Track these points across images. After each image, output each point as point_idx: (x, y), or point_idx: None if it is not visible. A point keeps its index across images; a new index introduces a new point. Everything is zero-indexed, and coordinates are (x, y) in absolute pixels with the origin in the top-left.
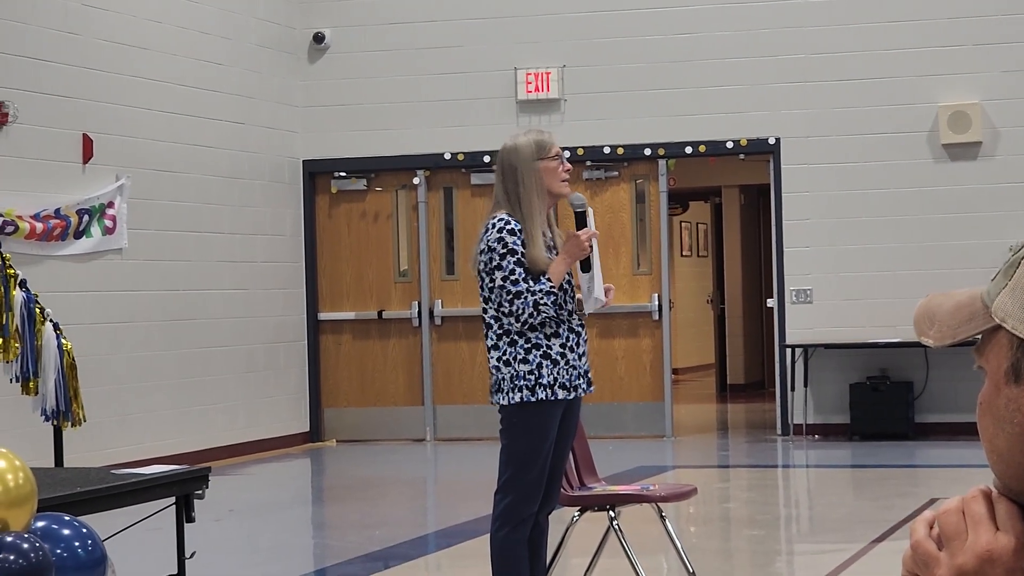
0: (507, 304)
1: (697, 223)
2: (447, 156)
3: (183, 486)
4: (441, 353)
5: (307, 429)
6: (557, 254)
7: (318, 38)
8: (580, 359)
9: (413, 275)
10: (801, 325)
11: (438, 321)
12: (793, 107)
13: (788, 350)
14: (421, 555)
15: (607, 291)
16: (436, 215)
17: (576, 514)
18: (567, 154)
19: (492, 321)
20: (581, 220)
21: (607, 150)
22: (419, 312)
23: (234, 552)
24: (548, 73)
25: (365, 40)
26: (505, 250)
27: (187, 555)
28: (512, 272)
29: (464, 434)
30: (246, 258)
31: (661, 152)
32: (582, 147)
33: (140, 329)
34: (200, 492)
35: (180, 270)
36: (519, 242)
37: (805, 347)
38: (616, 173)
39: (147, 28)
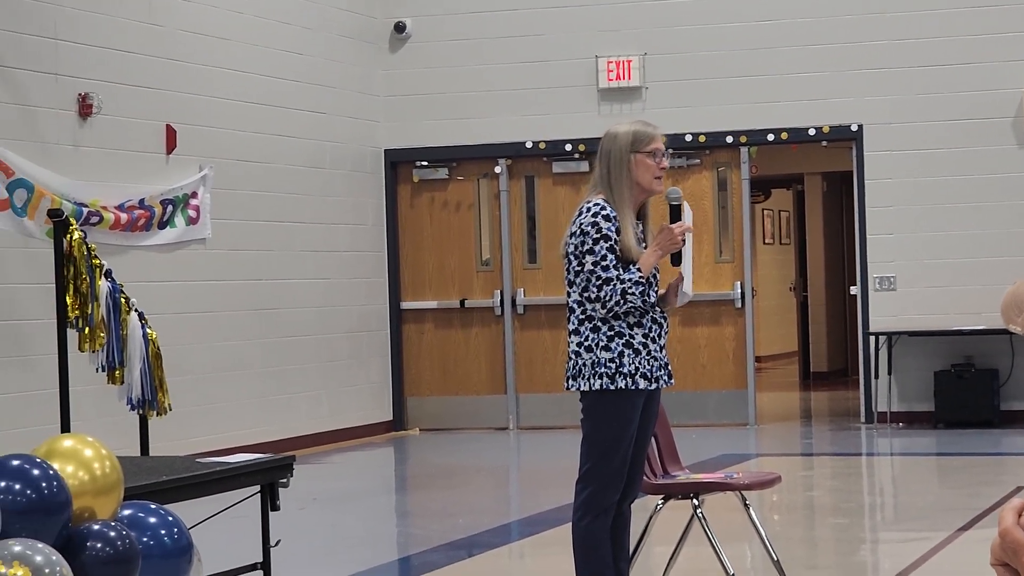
0: (595, 290)
1: (779, 210)
2: (528, 145)
3: (268, 475)
4: (523, 342)
5: (390, 418)
6: (645, 247)
7: (399, 27)
8: (661, 351)
9: (495, 264)
10: (885, 312)
11: (520, 310)
12: (876, 93)
13: (872, 337)
14: (504, 543)
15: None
16: (518, 204)
17: (660, 502)
18: None
19: (575, 305)
20: (675, 213)
21: (689, 138)
22: (501, 301)
23: (318, 540)
24: (629, 61)
25: (446, 29)
26: (599, 235)
27: (272, 543)
28: (604, 258)
29: (547, 422)
30: (329, 248)
31: (743, 139)
32: (664, 135)
33: (224, 319)
34: (284, 481)
35: (263, 260)
36: (613, 228)
37: (889, 334)
38: (698, 161)
39: (229, 19)
